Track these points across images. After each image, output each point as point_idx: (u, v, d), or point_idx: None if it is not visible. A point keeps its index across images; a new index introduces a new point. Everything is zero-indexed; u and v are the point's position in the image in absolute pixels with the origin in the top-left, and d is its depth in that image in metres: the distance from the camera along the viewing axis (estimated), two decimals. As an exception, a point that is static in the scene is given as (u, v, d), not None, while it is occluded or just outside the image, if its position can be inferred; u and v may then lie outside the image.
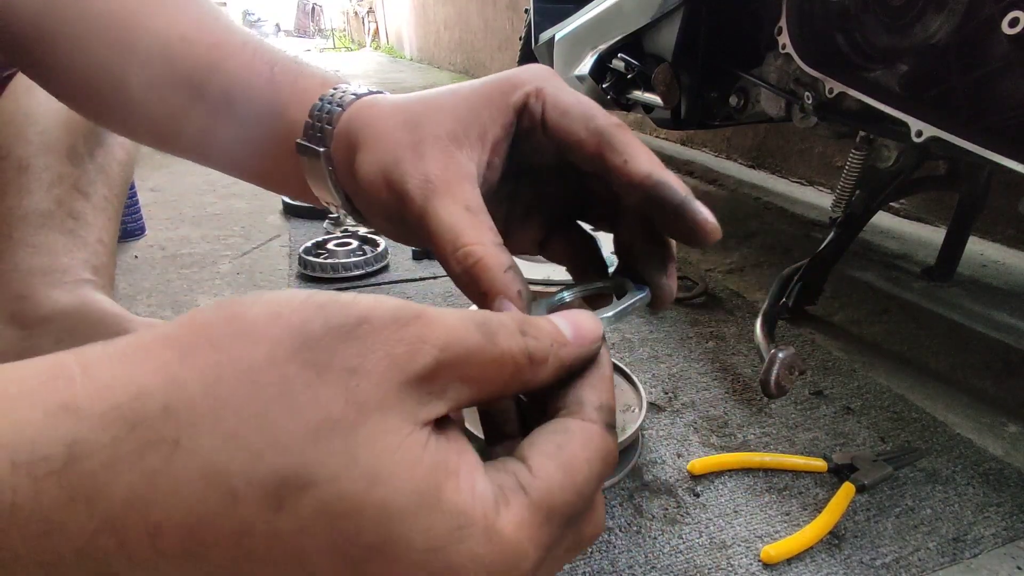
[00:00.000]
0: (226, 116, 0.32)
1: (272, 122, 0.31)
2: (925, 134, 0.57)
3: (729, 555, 0.47)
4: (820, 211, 1.33)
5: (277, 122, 0.31)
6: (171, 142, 0.35)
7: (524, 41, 1.69)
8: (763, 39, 0.83)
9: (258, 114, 0.31)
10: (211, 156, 0.35)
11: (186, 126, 0.33)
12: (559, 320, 0.19)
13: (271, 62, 0.32)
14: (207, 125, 0.33)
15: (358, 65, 5.57)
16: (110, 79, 0.33)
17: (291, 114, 0.30)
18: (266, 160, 0.33)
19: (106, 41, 0.32)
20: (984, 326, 0.84)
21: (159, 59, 0.32)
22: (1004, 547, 0.49)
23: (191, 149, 0.35)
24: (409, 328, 0.16)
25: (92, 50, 0.32)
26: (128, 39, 0.32)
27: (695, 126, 1.03)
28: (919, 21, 0.59)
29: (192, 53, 0.32)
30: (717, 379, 0.71)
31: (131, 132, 0.37)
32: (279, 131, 0.31)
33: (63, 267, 0.51)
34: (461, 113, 0.26)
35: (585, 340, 0.19)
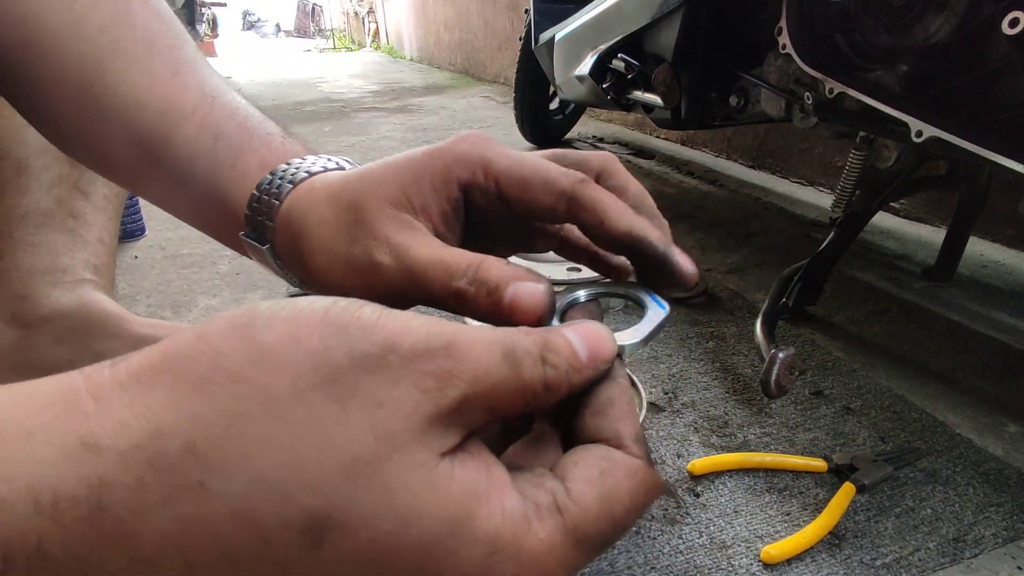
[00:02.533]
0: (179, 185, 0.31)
1: (217, 205, 0.30)
2: (925, 134, 0.57)
3: (729, 555, 0.47)
4: (820, 211, 1.33)
5: (221, 206, 0.30)
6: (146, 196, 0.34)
7: (524, 41, 1.69)
8: (763, 39, 0.83)
9: (203, 194, 0.30)
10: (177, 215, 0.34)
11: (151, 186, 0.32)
12: (575, 338, 0.19)
13: (215, 134, 0.30)
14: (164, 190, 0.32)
15: (358, 65, 5.57)
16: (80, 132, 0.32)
17: (232, 200, 0.29)
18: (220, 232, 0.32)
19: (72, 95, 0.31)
20: (984, 326, 0.84)
21: (118, 122, 0.31)
22: (1004, 547, 0.49)
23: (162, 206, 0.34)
24: (438, 361, 0.16)
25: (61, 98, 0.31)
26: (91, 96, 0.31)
27: (695, 126, 1.03)
28: (919, 21, 0.59)
29: (144, 119, 0.31)
30: (717, 379, 0.71)
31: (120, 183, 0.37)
32: (224, 215, 0.30)
33: (63, 267, 0.51)
34: (405, 184, 0.25)
35: (600, 363, 0.19)
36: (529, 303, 0.22)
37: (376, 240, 0.25)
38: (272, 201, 0.28)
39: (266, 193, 0.28)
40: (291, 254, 0.28)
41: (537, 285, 0.22)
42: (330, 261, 0.26)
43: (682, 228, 1.24)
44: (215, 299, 0.92)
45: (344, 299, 0.17)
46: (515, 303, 0.22)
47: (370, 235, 0.25)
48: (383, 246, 0.25)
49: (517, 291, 0.22)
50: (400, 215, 0.25)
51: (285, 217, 0.28)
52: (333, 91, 3.55)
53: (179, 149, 0.30)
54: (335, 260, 0.25)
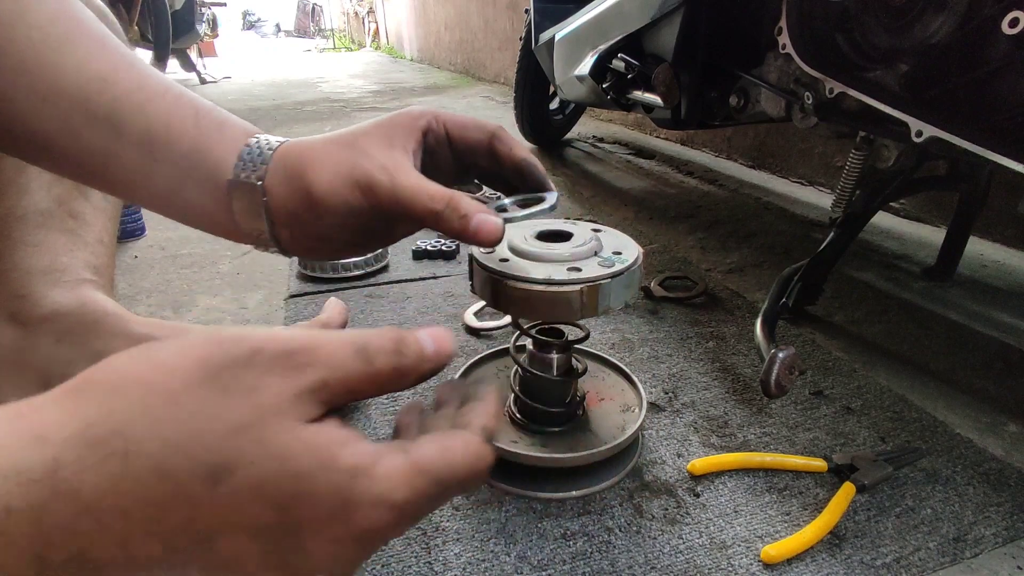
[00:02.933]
0: (148, 156, 0.34)
1: (199, 162, 0.34)
2: (925, 134, 0.57)
3: (729, 555, 0.47)
4: (820, 211, 1.33)
5: (204, 162, 0.34)
6: (97, 179, 0.36)
7: (524, 41, 1.69)
8: (763, 39, 0.83)
9: (183, 155, 0.34)
10: (136, 194, 0.36)
11: (108, 164, 0.34)
12: (425, 337, 0.25)
13: (195, 109, 0.35)
14: (129, 163, 0.34)
15: (358, 65, 5.57)
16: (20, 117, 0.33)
17: (217, 155, 0.34)
18: (189, 198, 0.35)
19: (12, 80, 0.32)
20: (984, 326, 0.84)
21: (74, 98, 0.33)
22: (1004, 547, 0.49)
23: (116, 186, 0.36)
24: (298, 356, 0.22)
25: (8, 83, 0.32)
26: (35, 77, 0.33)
27: (695, 126, 1.03)
28: (919, 21, 0.59)
29: (109, 93, 0.33)
30: (717, 379, 0.71)
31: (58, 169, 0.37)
32: (205, 171, 0.34)
33: (63, 266, 0.51)
34: (384, 132, 0.36)
35: (443, 356, 0.25)
36: (488, 231, 0.34)
37: (372, 165, 0.34)
38: (266, 150, 0.35)
39: (258, 145, 0.35)
40: (292, 184, 0.34)
41: (496, 219, 0.34)
42: (335, 182, 0.33)
43: (682, 228, 1.24)
44: (215, 299, 0.92)
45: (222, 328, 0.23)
46: (479, 229, 0.33)
47: (368, 161, 0.34)
48: (380, 170, 0.33)
49: (481, 221, 0.33)
50: (389, 151, 0.35)
51: (280, 162, 0.34)
52: (333, 91, 3.55)
53: (153, 117, 0.34)
54: (340, 181, 0.33)
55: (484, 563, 0.46)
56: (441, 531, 0.49)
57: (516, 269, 0.45)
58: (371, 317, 0.84)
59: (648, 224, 1.26)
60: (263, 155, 0.34)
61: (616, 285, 0.46)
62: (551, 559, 0.47)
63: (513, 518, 0.51)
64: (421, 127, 0.36)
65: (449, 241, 1.07)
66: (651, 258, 1.05)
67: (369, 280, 0.96)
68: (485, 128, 0.38)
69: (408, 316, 0.85)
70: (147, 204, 0.37)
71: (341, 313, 0.64)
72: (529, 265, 0.46)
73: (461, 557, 0.47)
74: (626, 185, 1.56)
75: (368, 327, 0.82)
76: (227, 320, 0.85)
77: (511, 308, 0.46)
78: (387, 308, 0.87)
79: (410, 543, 0.48)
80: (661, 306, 0.89)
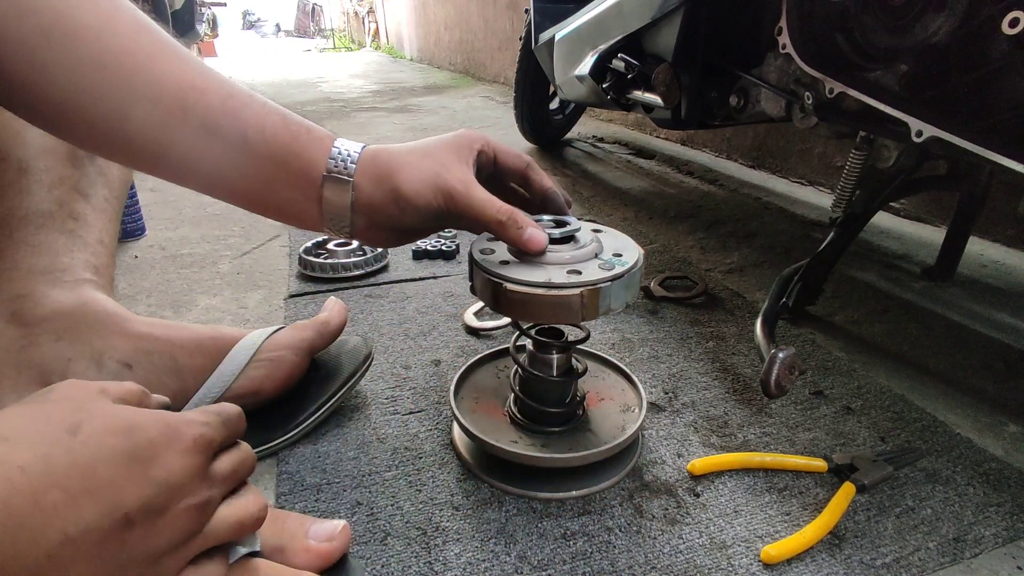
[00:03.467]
0: (243, 154, 0.40)
1: (292, 160, 0.41)
2: (925, 134, 0.57)
3: (729, 555, 0.47)
4: (820, 211, 1.33)
5: (297, 160, 0.41)
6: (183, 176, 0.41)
7: (524, 41, 1.69)
8: (763, 39, 0.83)
9: (277, 154, 0.41)
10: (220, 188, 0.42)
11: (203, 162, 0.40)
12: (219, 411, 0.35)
13: (282, 115, 0.42)
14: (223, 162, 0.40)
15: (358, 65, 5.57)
16: (110, 115, 0.37)
17: (310, 155, 0.42)
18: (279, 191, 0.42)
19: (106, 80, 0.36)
20: (984, 326, 0.84)
21: (170, 101, 0.38)
22: (1004, 547, 0.49)
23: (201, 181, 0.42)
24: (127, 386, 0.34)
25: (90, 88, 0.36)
26: (132, 80, 0.37)
27: (695, 126, 1.03)
28: (919, 21, 0.59)
29: (204, 101, 0.39)
30: (717, 379, 0.71)
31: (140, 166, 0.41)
32: (298, 167, 0.42)
33: (63, 266, 0.51)
34: (453, 149, 0.44)
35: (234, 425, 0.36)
36: (537, 242, 0.44)
37: (452, 178, 0.42)
38: (353, 152, 0.42)
39: (345, 148, 0.42)
40: (381, 183, 0.42)
41: (543, 233, 0.45)
42: (420, 185, 0.42)
43: (682, 228, 1.24)
44: (215, 299, 0.92)
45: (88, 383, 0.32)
46: (530, 239, 0.44)
47: (448, 173, 0.42)
48: (458, 182, 0.42)
49: (532, 234, 0.44)
50: (460, 165, 0.43)
51: (368, 163, 0.42)
52: (333, 91, 3.55)
53: (247, 122, 0.40)
54: (424, 185, 0.42)
55: (484, 563, 0.46)
56: (441, 531, 0.49)
57: (516, 272, 0.45)
58: (371, 317, 0.84)
59: (648, 224, 1.26)
60: (352, 156, 0.42)
61: (617, 287, 0.45)
62: (551, 559, 0.47)
63: (513, 518, 0.51)
64: (477, 148, 0.45)
65: (449, 241, 1.07)
66: (651, 258, 1.05)
67: (369, 280, 0.96)
68: (522, 158, 0.48)
69: (408, 316, 0.85)
70: (229, 197, 0.43)
71: (340, 313, 0.64)
72: (529, 268, 0.46)
73: (461, 557, 0.47)
74: (626, 185, 1.56)
75: (368, 327, 0.82)
76: (227, 320, 0.85)
77: (511, 311, 0.46)
78: (387, 308, 0.87)
79: (410, 543, 0.48)
80: (661, 306, 0.89)
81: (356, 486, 0.54)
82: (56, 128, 0.39)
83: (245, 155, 0.40)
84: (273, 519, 0.40)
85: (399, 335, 0.80)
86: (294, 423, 0.59)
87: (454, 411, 0.57)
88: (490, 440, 0.53)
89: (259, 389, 0.56)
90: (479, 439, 0.54)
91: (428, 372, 0.71)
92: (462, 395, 0.61)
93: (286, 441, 0.58)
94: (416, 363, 0.73)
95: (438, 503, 0.52)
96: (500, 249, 0.49)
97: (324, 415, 0.61)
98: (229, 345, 0.56)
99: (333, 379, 0.62)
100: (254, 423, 0.57)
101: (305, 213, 0.43)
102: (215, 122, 0.39)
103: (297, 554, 0.39)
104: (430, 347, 0.77)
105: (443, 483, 0.55)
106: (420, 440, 0.60)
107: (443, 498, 0.53)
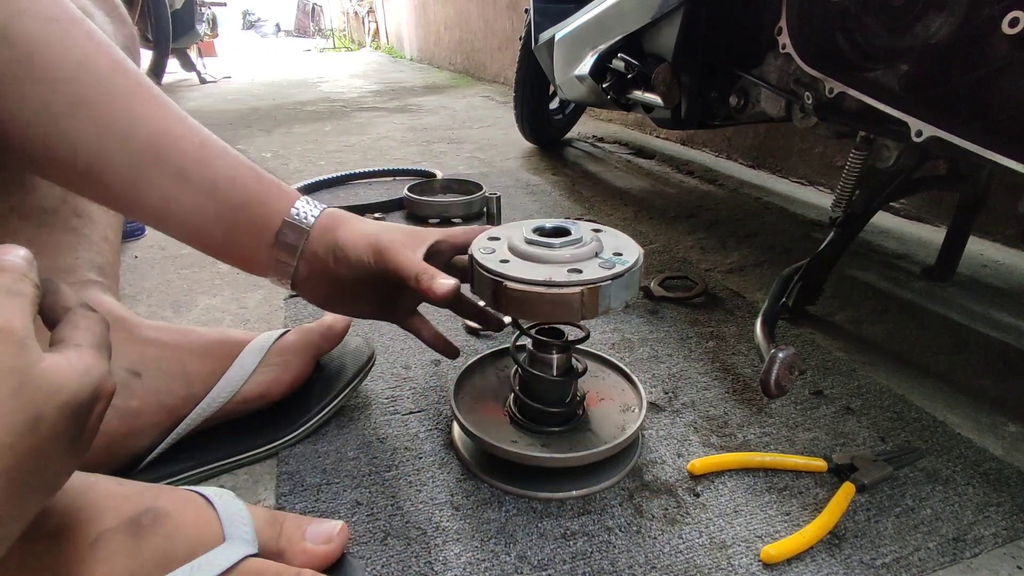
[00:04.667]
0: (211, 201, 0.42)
1: (256, 207, 0.44)
2: (925, 134, 0.57)
3: (729, 555, 0.47)
4: (820, 211, 1.33)
5: (260, 208, 0.44)
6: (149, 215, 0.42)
7: (524, 41, 1.69)
8: (763, 39, 0.83)
9: (243, 203, 0.43)
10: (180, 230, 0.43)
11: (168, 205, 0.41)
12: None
13: (253, 169, 0.44)
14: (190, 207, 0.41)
15: (358, 65, 5.57)
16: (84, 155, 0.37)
17: (274, 204, 0.44)
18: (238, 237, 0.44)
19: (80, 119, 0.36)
20: (984, 326, 0.84)
21: (144, 145, 0.38)
22: (1004, 547, 0.49)
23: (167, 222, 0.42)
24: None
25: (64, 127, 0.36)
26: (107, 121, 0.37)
27: (695, 126, 1.03)
28: (919, 21, 0.59)
29: (178, 147, 0.40)
30: (717, 379, 0.71)
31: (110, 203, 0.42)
32: (259, 213, 0.44)
33: (68, 267, 0.51)
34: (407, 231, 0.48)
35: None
36: (437, 288, 0.44)
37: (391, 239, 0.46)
38: (314, 209, 0.46)
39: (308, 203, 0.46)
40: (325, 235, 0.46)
41: (448, 281, 0.44)
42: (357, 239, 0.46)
43: (682, 228, 1.24)
44: (215, 299, 0.92)
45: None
46: (432, 287, 0.44)
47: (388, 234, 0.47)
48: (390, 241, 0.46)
49: (438, 283, 0.44)
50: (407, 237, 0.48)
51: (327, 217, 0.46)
52: (333, 91, 3.55)
53: (219, 171, 0.42)
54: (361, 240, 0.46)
55: (484, 563, 0.46)
56: (441, 531, 0.49)
57: (517, 270, 0.45)
58: (371, 317, 0.84)
59: (648, 224, 1.26)
60: (314, 211, 0.46)
61: (617, 287, 0.45)
62: (551, 559, 0.47)
63: (513, 518, 0.51)
64: (431, 240, 0.49)
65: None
66: (651, 258, 1.05)
67: (369, 280, 0.96)
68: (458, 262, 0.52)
69: (408, 316, 0.85)
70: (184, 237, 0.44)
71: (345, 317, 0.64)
72: (530, 266, 0.46)
73: (461, 557, 0.47)
74: (626, 185, 1.56)
75: (368, 327, 0.82)
76: (227, 320, 0.85)
77: (511, 309, 0.46)
78: (387, 308, 0.87)
79: (410, 543, 0.48)
80: (661, 306, 0.89)
81: (356, 486, 0.54)
82: (32, 165, 0.39)
83: (214, 202, 0.41)
84: (271, 520, 0.40)
85: (399, 335, 0.80)
86: (297, 424, 0.59)
87: (454, 411, 0.57)
88: (490, 440, 0.53)
89: (266, 393, 0.56)
90: (479, 439, 0.54)
91: (428, 372, 0.71)
92: (462, 395, 0.61)
93: (288, 442, 0.58)
94: (416, 363, 0.73)
95: (438, 503, 0.52)
96: (500, 248, 0.49)
97: (327, 416, 0.61)
98: (237, 349, 0.56)
99: (336, 380, 0.62)
100: (258, 424, 0.57)
101: (254, 257, 0.45)
102: (187, 170, 0.40)
103: (295, 556, 0.39)
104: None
105: (443, 483, 0.55)
106: (420, 440, 0.60)
107: (443, 498, 0.53)
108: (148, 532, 0.35)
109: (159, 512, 0.36)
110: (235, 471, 0.57)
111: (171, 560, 0.34)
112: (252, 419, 0.57)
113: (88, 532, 0.34)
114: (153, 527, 0.35)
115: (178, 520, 0.36)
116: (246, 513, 0.39)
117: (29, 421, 0.25)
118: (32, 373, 0.25)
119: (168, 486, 0.40)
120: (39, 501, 0.27)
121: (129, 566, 0.33)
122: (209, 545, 0.36)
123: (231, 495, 0.40)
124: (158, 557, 0.34)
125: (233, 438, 0.56)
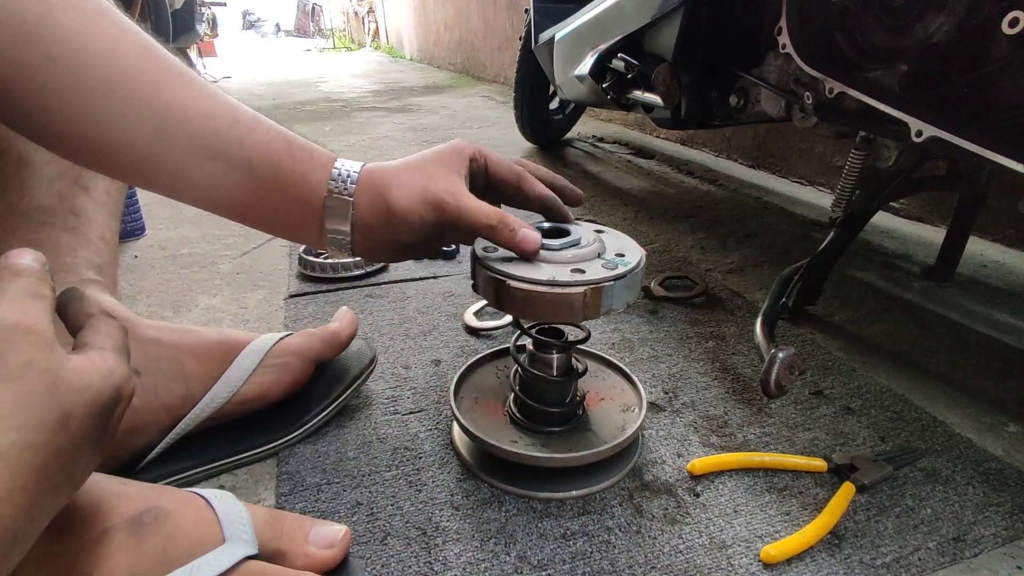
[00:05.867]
0: (248, 179, 0.41)
1: (295, 184, 0.43)
2: (925, 134, 0.57)
3: (729, 555, 0.47)
4: (820, 211, 1.33)
5: (301, 184, 0.43)
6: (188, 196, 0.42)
7: (524, 41, 1.69)
8: (763, 39, 0.83)
9: (281, 179, 0.42)
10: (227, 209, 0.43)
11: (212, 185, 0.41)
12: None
13: (286, 140, 0.43)
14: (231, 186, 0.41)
15: (358, 65, 5.57)
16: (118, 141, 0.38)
17: (313, 179, 0.43)
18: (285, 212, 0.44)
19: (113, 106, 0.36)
20: (984, 326, 0.84)
21: (178, 126, 0.38)
22: (1004, 547, 0.49)
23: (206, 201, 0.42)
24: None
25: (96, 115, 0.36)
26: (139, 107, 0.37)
27: (695, 126, 1.03)
28: (919, 21, 0.59)
29: (212, 127, 0.39)
30: (717, 379, 0.71)
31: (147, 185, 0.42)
32: (302, 190, 0.43)
33: (66, 266, 0.50)
34: (443, 160, 0.45)
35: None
36: (530, 242, 0.45)
37: (440, 190, 0.43)
38: (352, 173, 0.44)
39: (344, 169, 0.44)
40: (375, 202, 0.44)
41: (535, 233, 0.46)
42: (410, 202, 0.43)
43: (682, 228, 1.24)
44: (215, 299, 0.92)
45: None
46: (523, 240, 0.45)
47: (436, 185, 0.44)
48: (446, 193, 0.43)
49: (525, 235, 0.45)
50: (450, 176, 0.45)
51: (365, 183, 0.44)
52: (333, 91, 3.55)
53: (252, 149, 0.41)
54: (414, 201, 0.43)
55: (484, 563, 0.46)
56: (441, 531, 0.49)
57: (519, 270, 0.45)
58: (371, 317, 0.84)
59: (648, 224, 1.26)
60: (352, 176, 0.44)
61: (619, 287, 0.46)
62: (551, 559, 0.47)
63: (513, 518, 0.51)
64: (468, 156, 0.46)
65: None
66: (651, 258, 1.05)
67: (369, 280, 0.96)
68: (513, 169, 0.48)
69: (408, 316, 0.85)
70: (240, 219, 0.44)
71: (351, 324, 0.64)
72: (532, 266, 0.46)
73: (461, 557, 0.47)
74: (626, 185, 1.56)
75: (368, 327, 0.82)
76: (227, 320, 0.85)
77: (513, 309, 0.46)
78: (387, 308, 0.87)
79: (410, 543, 0.48)
80: (661, 306, 0.89)
81: (356, 486, 0.54)
82: (65, 152, 0.39)
83: (251, 180, 0.41)
84: (272, 521, 0.40)
85: (399, 335, 0.80)
86: (297, 424, 0.59)
87: (454, 411, 0.57)
88: (490, 440, 0.53)
89: (265, 394, 0.56)
90: (479, 439, 0.54)
91: (428, 372, 0.71)
92: (462, 395, 0.61)
93: (288, 442, 0.58)
94: (416, 363, 0.73)
95: (438, 503, 0.52)
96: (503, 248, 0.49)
97: (327, 417, 0.61)
98: (237, 350, 0.56)
99: (337, 383, 0.62)
100: (258, 424, 0.57)
101: (307, 233, 0.45)
102: (222, 150, 0.40)
103: (297, 558, 0.39)
104: (430, 347, 0.77)
105: (443, 483, 0.55)
106: (420, 440, 0.60)
107: (443, 498, 0.53)
108: (150, 531, 0.35)
109: (161, 512, 0.36)
110: (235, 471, 0.57)
111: (171, 559, 0.34)
112: (252, 419, 0.57)
113: (92, 528, 0.34)
114: (155, 526, 0.35)
115: (179, 520, 0.36)
116: (246, 514, 0.39)
117: (61, 419, 0.25)
118: (63, 373, 0.26)
119: (169, 487, 0.40)
120: (65, 497, 0.28)
121: (130, 563, 0.34)
122: (209, 545, 0.36)
123: (231, 497, 0.40)
124: (159, 556, 0.34)
125: (233, 438, 0.56)
